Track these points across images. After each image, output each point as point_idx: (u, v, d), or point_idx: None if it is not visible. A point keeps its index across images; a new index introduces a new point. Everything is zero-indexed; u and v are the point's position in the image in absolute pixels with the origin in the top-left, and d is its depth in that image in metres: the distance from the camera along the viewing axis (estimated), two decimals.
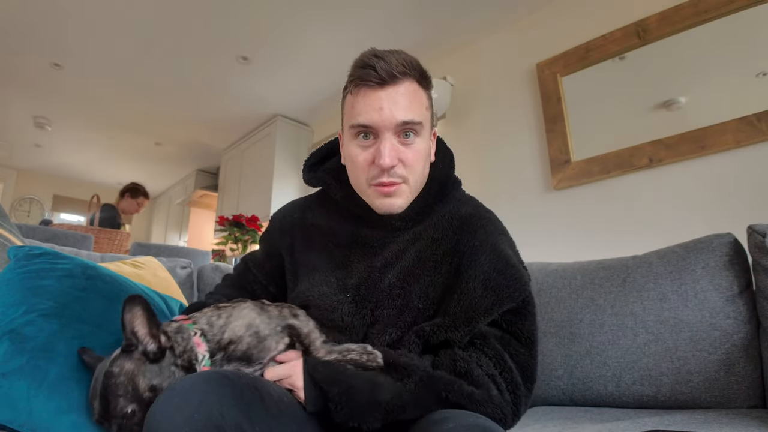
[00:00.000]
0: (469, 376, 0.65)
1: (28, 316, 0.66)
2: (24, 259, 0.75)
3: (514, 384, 0.67)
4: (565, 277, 1.20)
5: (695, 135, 1.84)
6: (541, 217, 2.29)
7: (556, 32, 2.42)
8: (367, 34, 2.81)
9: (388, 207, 0.76)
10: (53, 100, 3.78)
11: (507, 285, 0.70)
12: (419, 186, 0.78)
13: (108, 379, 0.57)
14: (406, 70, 0.73)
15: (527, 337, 0.72)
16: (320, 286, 0.78)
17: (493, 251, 0.73)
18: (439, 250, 0.76)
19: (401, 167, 0.74)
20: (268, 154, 3.90)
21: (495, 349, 0.68)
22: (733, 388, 0.92)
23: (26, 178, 5.60)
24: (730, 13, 1.82)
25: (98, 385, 0.58)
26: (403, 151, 0.74)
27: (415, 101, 0.74)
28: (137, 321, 0.59)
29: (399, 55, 0.74)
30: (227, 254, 3.39)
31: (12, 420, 0.60)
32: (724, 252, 1.01)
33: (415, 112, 0.73)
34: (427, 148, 0.78)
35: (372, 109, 0.72)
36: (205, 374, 0.52)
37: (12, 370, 0.61)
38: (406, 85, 0.73)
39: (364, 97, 0.73)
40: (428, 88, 0.79)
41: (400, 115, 0.72)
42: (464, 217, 0.78)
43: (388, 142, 0.72)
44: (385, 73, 0.71)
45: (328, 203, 0.86)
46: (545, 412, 1.05)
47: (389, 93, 0.72)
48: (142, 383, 0.57)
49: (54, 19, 2.71)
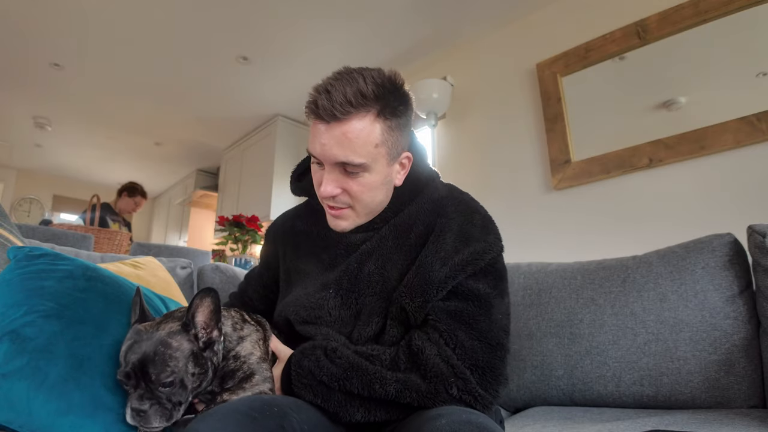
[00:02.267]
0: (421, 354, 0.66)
1: (28, 317, 0.66)
2: (24, 260, 0.75)
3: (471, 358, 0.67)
4: (565, 277, 1.20)
5: (695, 135, 1.84)
6: (541, 217, 2.29)
7: (556, 32, 2.42)
8: (367, 33, 2.81)
9: (335, 226, 0.80)
10: (53, 100, 3.78)
11: (462, 260, 0.71)
12: (371, 210, 0.79)
13: (164, 347, 0.60)
14: (352, 107, 0.68)
15: (485, 300, 0.70)
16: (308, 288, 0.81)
17: (458, 230, 0.74)
18: (413, 233, 0.77)
19: (345, 195, 0.75)
20: (268, 154, 3.90)
21: (447, 324, 0.68)
22: (733, 388, 0.92)
23: (26, 178, 5.60)
24: (730, 13, 1.82)
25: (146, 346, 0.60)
26: (348, 183, 0.74)
27: (360, 141, 0.70)
28: (201, 309, 0.64)
29: (353, 87, 0.69)
30: (227, 254, 3.39)
31: (12, 421, 0.60)
32: (724, 252, 1.01)
33: (357, 153, 0.70)
34: (378, 179, 0.75)
35: (316, 142, 0.72)
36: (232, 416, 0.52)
37: (12, 371, 0.61)
38: (353, 123, 0.69)
39: (313, 128, 0.73)
40: (393, 116, 0.73)
41: (338, 155, 0.70)
42: (437, 200, 0.80)
43: (329, 175, 0.73)
44: (325, 113, 0.69)
45: (315, 211, 0.88)
46: (545, 412, 1.05)
47: (332, 130, 0.70)
48: (190, 367, 0.62)
49: (54, 19, 2.71)
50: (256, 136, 4.15)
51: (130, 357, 0.60)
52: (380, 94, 0.71)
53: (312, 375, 0.68)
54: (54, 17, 2.69)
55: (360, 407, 0.66)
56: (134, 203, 3.58)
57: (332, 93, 0.69)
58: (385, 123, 0.72)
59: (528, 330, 1.18)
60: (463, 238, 0.73)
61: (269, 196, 3.75)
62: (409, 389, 0.65)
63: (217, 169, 4.96)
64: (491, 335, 0.69)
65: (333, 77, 0.72)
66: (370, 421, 0.67)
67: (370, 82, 0.70)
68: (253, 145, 4.18)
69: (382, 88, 0.71)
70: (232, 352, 0.69)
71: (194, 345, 0.63)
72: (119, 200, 3.56)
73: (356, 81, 0.70)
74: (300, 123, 4.04)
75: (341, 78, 0.71)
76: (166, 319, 0.65)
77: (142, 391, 0.59)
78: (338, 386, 0.67)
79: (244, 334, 0.72)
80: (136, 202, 3.58)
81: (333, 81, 0.71)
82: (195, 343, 0.63)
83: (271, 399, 0.60)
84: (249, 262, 3.22)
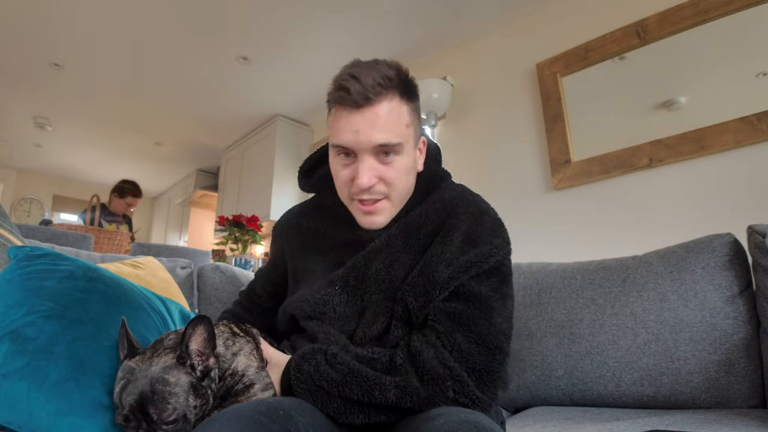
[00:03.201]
0: (418, 356, 0.66)
1: (29, 317, 0.66)
2: (25, 260, 0.75)
3: (468, 360, 0.66)
4: (565, 277, 1.20)
5: (695, 135, 1.84)
6: (541, 217, 2.29)
7: (556, 32, 2.42)
8: (367, 33, 2.82)
9: (370, 224, 0.78)
10: (53, 100, 3.78)
11: (466, 262, 0.71)
12: (404, 198, 0.79)
13: (162, 385, 0.57)
14: (383, 89, 0.70)
15: (485, 302, 0.70)
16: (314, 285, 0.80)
17: (466, 231, 0.74)
18: (422, 233, 0.77)
19: (381, 185, 0.74)
20: (268, 154, 3.90)
21: (446, 326, 0.68)
22: (733, 388, 0.92)
23: (26, 178, 5.60)
24: (730, 13, 1.82)
25: (142, 385, 0.57)
26: (383, 170, 0.73)
27: (393, 121, 0.71)
28: (194, 338, 0.62)
29: (377, 71, 0.71)
30: (227, 254, 3.39)
31: (12, 421, 0.60)
32: (724, 252, 1.01)
33: (393, 133, 0.71)
34: (410, 163, 0.76)
35: (349, 131, 0.71)
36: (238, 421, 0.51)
37: (12, 371, 0.61)
38: (384, 104, 0.71)
39: (342, 119, 0.72)
40: (412, 100, 0.75)
41: (377, 138, 0.70)
42: (447, 200, 0.80)
43: (365, 164, 0.72)
44: (359, 96, 0.69)
45: (321, 208, 0.88)
46: (545, 412, 1.05)
47: (365, 115, 0.70)
48: (192, 400, 0.59)
49: (54, 19, 2.71)
50: (256, 136, 4.15)
51: (126, 399, 0.57)
52: (401, 78, 0.73)
53: (312, 380, 0.68)
54: (54, 17, 2.69)
55: (359, 413, 0.66)
56: (125, 204, 3.43)
57: (361, 78, 0.70)
58: (408, 105, 0.74)
59: (528, 330, 1.18)
60: (471, 239, 0.73)
61: (269, 196, 3.75)
62: (408, 394, 0.64)
63: (217, 169, 4.96)
64: (489, 338, 0.68)
65: (352, 67, 0.73)
66: (370, 423, 0.67)
67: (388, 68, 0.72)
68: (253, 145, 4.18)
69: (398, 72, 0.73)
70: (228, 370, 0.67)
71: (192, 377, 0.60)
72: (112, 201, 3.44)
73: (377, 67, 0.72)
74: (300, 123, 4.04)
75: (361, 66, 0.73)
76: (158, 351, 0.62)
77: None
78: (338, 392, 0.66)
79: (236, 350, 0.71)
80: (128, 202, 3.44)
81: (355, 70, 0.72)
82: (192, 375, 0.60)
83: (277, 402, 0.60)
84: (249, 262, 3.22)
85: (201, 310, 1.37)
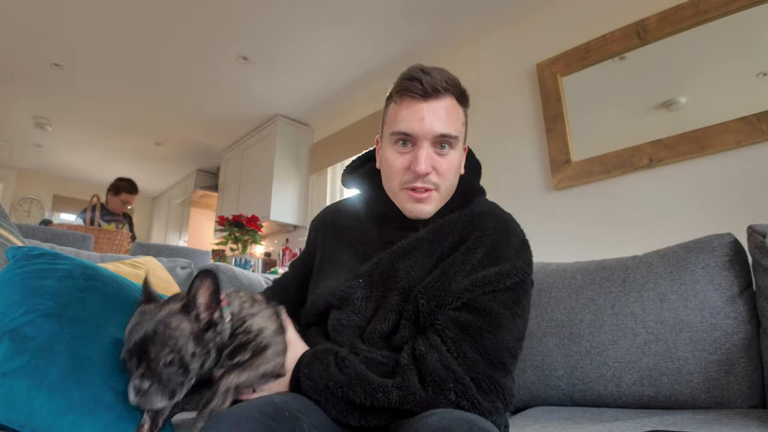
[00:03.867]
0: (422, 359, 0.67)
1: (28, 316, 0.66)
2: (23, 260, 0.75)
3: (472, 368, 0.67)
4: (565, 277, 1.20)
5: (695, 135, 1.84)
6: (541, 217, 2.29)
7: (556, 32, 2.42)
8: (368, 34, 2.82)
9: (418, 212, 0.81)
10: (53, 100, 3.78)
11: (484, 278, 0.72)
12: (448, 194, 0.83)
13: (164, 327, 0.61)
14: (448, 86, 0.78)
15: (495, 318, 0.70)
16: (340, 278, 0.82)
17: (490, 246, 0.76)
18: (448, 240, 0.79)
19: (435, 175, 0.79)
20: (268, 154, 3.90)
21: (453, 332, 0.69)
22: (733, 388, 0.92)
23: (26, 178, 5.60)
24: (730, 13, 1.82)
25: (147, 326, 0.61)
26: (438, 161, 0.78)
27: (453, 116, 0.78)
28: (201, 291, 0.65)
29: (443, 73, 0.79)
30: (227, 254, 3.39)
31: (12, 420, 0.60)
32: (724, 252, 1.01)
33: (452, 127, 0.78)
34: (459, 160, 0.82)
35: (414, 119, 0.77)
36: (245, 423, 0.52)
37: (12, 370, 0.61)
38: (447, 100, 0.78)
39: (408, 107, 0.78)
40: (465, 106, 0.82)
41: (439, 127, 0.76)
42: (478, 213, 0.82)
43: (425, 151, 0.77)
44: (429, 86, 0.76)
45: (358, 206, 0.93)
46: (545, 412, 1.05)
47: (431, 106, 0.77)
48: (191, 347, 0.62)
49: (54, 19, 2.72)
50: (256, 136, 4.15)
51: (132, 337, 0.61)
52: (459, 86, 0.81)
53: (320, 378, 0.69)
54: (54, 17, 2.69)
55: (360, 418, 0.67)
56: (121, 202, 3.32)
57: (433, 75, 0.77)
58: (463, 109, 0.82)
59: (528, 330, 1.17)
60: (493, 256, 0.75)
61: (269, 196, 3.75)
62: (410, 394, 0.65)
63: (217, 169, 4.97)
64: (495, 353, 0.68)
65: (416, 67, 0.80)
66: (366, 426, 0.68)
67: (450, 74, 0.80)
68: (253, 145, 4.18)
69: (457, 80, 0.81)
70: (241, 327, 0.70)
71: (194, 325, 0.64)
72: (108, 200, 3.35)
73: (444, 71, 0.80)
74: (300, 123, 4.04)
75: (425, 67, 0.79)
76: (169, 301, 0.66)
77: (143, 371, 0.60)
78: (341, 393, 0.68)
79: (254, 311, 0.73)
80: (123, 199, 3.31)
81: (424, 67, 0.79)
82: (196, 324, 0.64)
83: (283, 403, 0.60)
84: (249, 262, 3.22)
85: None
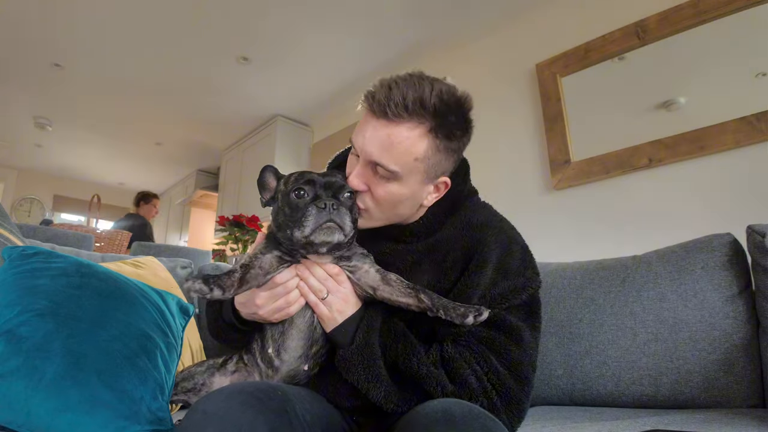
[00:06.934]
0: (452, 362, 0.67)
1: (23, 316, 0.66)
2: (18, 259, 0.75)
3: (502, 385, 0.67)
4: (565, 277, 1.20)
5: (694, 135, 1.84)
6: (541, 217, 2.29)
7: (556, 32, 2.42)
8: (368, 34, 2.82)
9: None
10: (53, 100, 3.78)
11: (500, 294, 0.71)
12: (390, 219, 0.78)
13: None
14: (406, 113, 0.66)
15: (516, 332, 0.70)
16: None
17: (497, 261, 0.74)
18: (449, 258, 0.76)
19: (368, 196, 0.73)
20: (268, 154, 3.90)
21: (479, 347, 0.69)
22: (732, 388, 0.92)
23: (27, 178, 5.60)
24: (730, 13, 1.81)
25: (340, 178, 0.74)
26: (374, 184, 0.72)
27: (400, 148, 0.67)
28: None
29: (415, 92, 0.66)
30: (228, 254, 3.39)
31: (11, 421, 0.60)
32: (724, 252, 1.00)
33: (392, 159, 0.67)
34: (406, 194, 0.72)
35: (359, 131, 0.72)
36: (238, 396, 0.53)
37: (9, 371, 0.61)
38: (401, 129, 0.67)
39: (363, 118, 0.72)
40: (444, 138, 0.69)
41: (374, 153, 0.68)
42: (476, 225, 0.78)
43: (360, 168, 0.72)
44: (378, 106, 0.67)
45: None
46: (545, 411, 1.05)
47: (378, 128, 0.68)
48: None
49: (54, 19, 2.72)
50: (256, 136, 4.15)
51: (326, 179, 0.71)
52: (441, 111, 0.67)
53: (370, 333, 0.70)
54: (54, 17, 2.69)
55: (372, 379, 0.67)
56: (153, 207, 4.02)
57: (393, 91, 0.66)
58: (434, 141, 0.69)
59: None
60: (502, 270, 0.73)
61: None
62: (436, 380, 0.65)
63: (218, 169, 4.97)
64: (521, 368, 0.69)
65: (402, 76, 0.70)
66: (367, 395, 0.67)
67: (435, 95, 0.67)
68: (253, 145, 4.18)
69: (446, 105, 0.68)
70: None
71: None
72: (139, 209, 3.93)
73: (422, 88, 0.67)
74: (300, 123, 4.04)
75: (409, 80, 0.68)
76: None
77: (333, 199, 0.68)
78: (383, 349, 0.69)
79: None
80: (154, 204, 4.03)
81: (400, 80, 0.68)
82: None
83: (278, 386, 0.62)
84: None
85: (201, 309, 1.37)
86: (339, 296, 0.71)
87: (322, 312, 0.71)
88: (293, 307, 0.71)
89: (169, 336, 0.83)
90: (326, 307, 0.71)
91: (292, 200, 0.68)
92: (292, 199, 0.68)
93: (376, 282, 0.72)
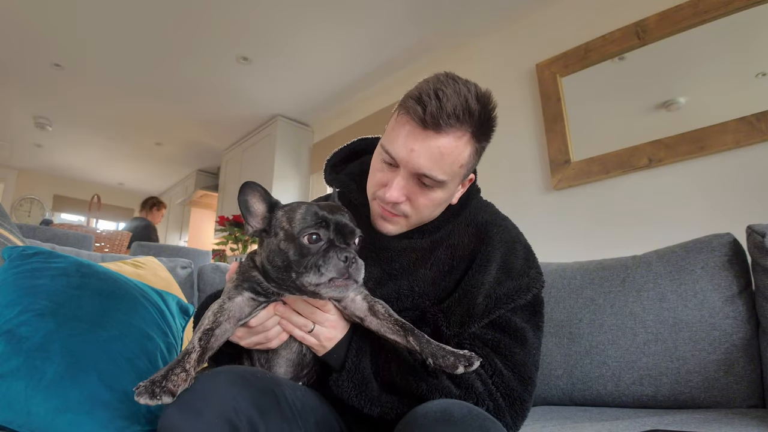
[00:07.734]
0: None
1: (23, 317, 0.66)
2: (18, 259, 0.75)
3: (506, 387, 0.67)
4: (565, 277, 1.20)
5: (695, 135, 1.84)
6: (541, 217, 2.29)
7: (556, 32, 2.42)
8: (368, 34, 2.82)
9: (380, 227, 0.77)
10: (53, 100, 3.78)
11: (504, 294, 0.71)
12: (425, 222, 0.78)
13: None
14: (456, 121, 0.65)
15: (520, 333, 0.71)
16: None
17: (501, 260, 0.74)
18: (455, 256, 0.76)
19: (407, 205, 0.72)
20: (268, 154, 3.90)
21: (484, 350, 0.69)
22: (732, 388, 0.92)
23: (27, 178, 5.60)
24: (730, 13, 1.82)
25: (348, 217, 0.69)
26: (416, 193, 0.71)
27: (449, 159, 0.67)
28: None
29: (461, 98, 0.65)
30: (227, 254, 3.39)
31: (11, 420, 0.60)
32: (724, 252, 1.01)
33: (441, 170, 0.68)
34: (445, 197, 0.74)
35: (403, 145, 0.68)
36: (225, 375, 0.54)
37: (9, 371, 0.61)
38: (449, 138, 0.66)
39: (403, 128, 0.68)
40: (482, 140, 0.71)
41: (425, 167, 0.67)
42: (480, 224, 0.78)
43: (402, 181, 0.70)
44: (431, 117, 0.64)
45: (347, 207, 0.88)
46: (545, 411, 1.05)
47: (427, 140, 0.66)
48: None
49: (54, 20, 2.72)
50: (256, 136, 4.15)
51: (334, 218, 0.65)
52: (481, 114, 0.67)
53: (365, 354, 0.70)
54: (54, 17, 2.69)
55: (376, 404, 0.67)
56: (161, 214, 4.26)
57: (443, 100, 0.64)
58: (475, 145, 0.70)
59: None
60: (506, 269, 0.73)
61: None
62: (440, 391, 0.65)
63: (218, 169, 4.97)
64: (525, 369, 0.69)
65: (439, 81, 0.67)
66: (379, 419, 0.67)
67: (474, 98, 0.66)
68: (253, 145, 4.18)
69: (483, 108, 0.68)
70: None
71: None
72: (150, 214, 4.10)
73: (465, 93, 0.66)
74: (300, 123, 4.04)
75: (449, 84, 0.66)
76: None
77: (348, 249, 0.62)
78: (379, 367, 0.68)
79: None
80: (162, 211, 4.28)
81: (441, 86, 0.66)
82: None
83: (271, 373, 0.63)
84: None
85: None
86: (327, 325, 0.69)
87: (311, 342, 0.70)
88: (273, 342, 0.69)
89: (169, 336, 0.83)
90: (314, 338, 0.69)
91: (303, 244, 0.62)
92: (304, 243, 0.62)
93: (362, 312, 0.69)
